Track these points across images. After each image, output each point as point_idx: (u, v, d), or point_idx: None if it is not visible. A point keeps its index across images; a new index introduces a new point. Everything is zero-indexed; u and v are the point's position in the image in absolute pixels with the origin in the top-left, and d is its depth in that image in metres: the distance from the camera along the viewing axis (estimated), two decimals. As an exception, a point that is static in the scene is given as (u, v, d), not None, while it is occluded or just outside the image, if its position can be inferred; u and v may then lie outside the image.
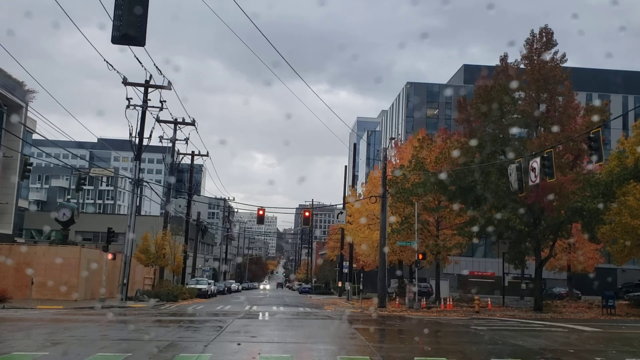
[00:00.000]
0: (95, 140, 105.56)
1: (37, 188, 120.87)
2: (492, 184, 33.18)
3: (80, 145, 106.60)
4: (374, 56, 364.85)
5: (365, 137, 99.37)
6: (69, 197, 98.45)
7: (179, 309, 32.04)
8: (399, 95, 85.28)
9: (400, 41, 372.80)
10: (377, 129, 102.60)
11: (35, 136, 50.11)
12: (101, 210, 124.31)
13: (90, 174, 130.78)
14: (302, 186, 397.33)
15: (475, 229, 34.60)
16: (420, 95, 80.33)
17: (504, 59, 35.13)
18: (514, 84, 33.14)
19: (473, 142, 34.25)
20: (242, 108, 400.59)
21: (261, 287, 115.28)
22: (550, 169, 21.01)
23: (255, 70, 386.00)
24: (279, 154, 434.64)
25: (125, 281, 35.56)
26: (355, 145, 70.74)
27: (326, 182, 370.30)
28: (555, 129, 32.42)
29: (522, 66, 34.47)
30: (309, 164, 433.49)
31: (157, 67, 36.42)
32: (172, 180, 47.23)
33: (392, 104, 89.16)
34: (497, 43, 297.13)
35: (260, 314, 27.53)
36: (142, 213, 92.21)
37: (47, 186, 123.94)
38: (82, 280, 35.08)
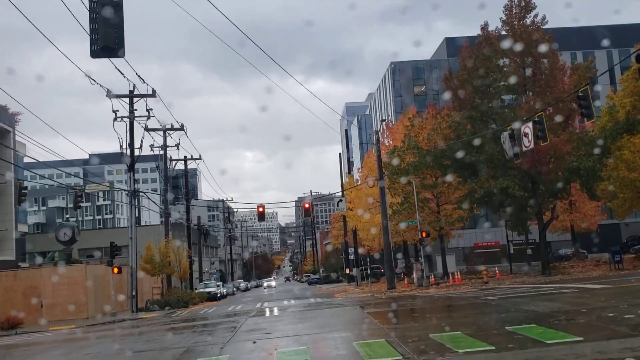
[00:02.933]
0: (87, 157, 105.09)
1: (34, 211, 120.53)
2: (487, 154, 33.24)
3: (73, 163, 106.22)
4: (342, 42, 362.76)
5: (355, 122, 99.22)
6: (67, 216, 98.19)
7: (191, 314, 32.08)
8: (384, 76, 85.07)
9: (364, 23, 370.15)
10: (367, 112, 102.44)
11: (25, 159, 49.95)
12: (101, 226, 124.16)
13: (86, 191, 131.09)
14: (296, 178, 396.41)
15: (475, 200, 34.73)
16: (405, 74, 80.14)
17: (484, 27, 35.10)
18: (500, 48, 33.13)
19: (464, 116, 34.31)
20: (222, 108, 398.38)
21: (265, 284, 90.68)
22: (543, 132, 21.02)
23: (228, 69, 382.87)
24: (267, 150, 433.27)
25: (133, 293, 35.62)
26: (346, 131, 70.66)
27: (319, 171, 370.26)
28: (543, 91, 32.53)
29: (503, 32, 34.43)
30: (299, 156, 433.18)
31: (139, 76, 36.33)
32: (168, 187, 47.10)
33: (379, 86, 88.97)
34: (462, 14, 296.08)
35: (273, 310, 27.62)
36: (142, 223, 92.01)
37: (44, 208, 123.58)
38: (90, 297, 35.08)
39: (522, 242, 51.81)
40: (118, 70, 29.67)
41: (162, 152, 46.33)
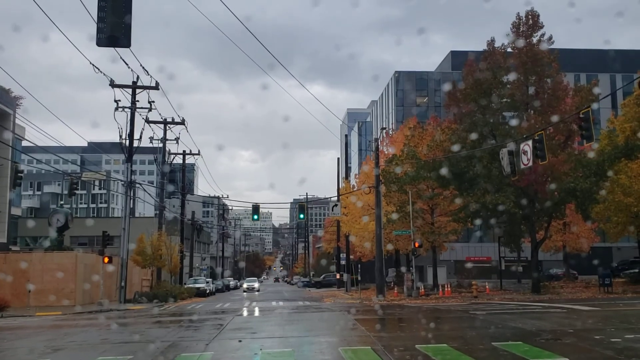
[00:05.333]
0: (85, 145, 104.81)
1: (29, 195, 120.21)
2: (485, 168, 33.30)
3: (71, 150, 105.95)
4: (338, 50, 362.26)
5: (356, 128, 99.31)
6: (62, 202, 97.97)
7: (179, 309, 32.03)
8: (388, 85, 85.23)
9: (362, 33, 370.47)
10: (368, 119, 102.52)
11: (24, 143, 49.86)
12: (95, 214, 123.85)
13: (82, 179, 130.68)
14: (290, 180, 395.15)
15: (469, 214, 34.78)
16: (409, 84, 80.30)
17: (491, 43, 35.14)
18: (502, 69, 33.30)
19: (464, 129, 34.35)
20: (219, 106, 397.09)
21: (245, 285, 69.87)
22: (542, 151, 21.07)
23: (226, 68, 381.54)
24: (262, 151, 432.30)
25: (122, 284, 35.53)
26: (346, 136, 70.69)
27: (314, 174, 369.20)
28: (545, 110, 32.60)
29: (509, 50, 34.51)
30: (293, 158, 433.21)
31: (143, 67, 36.20)
32: (165, 181, 47.06)
33: (382, 94, 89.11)
34: (457, 29, 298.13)
35: (260, 310, 27.56)
36: (137, 215, 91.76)
37: (39, 193, 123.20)
38: (79, 285, 35.00)
39: (513, 259, 51.88)
40: (123, 60, 29.67)
41: (160, 144, 46.32)
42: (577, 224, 47.03)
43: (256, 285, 68.15)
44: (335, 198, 53.94)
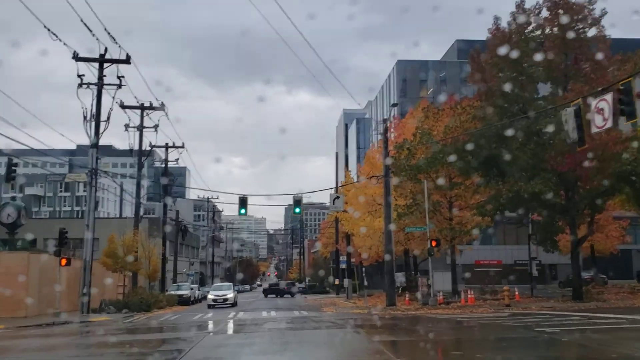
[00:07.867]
0: (74, 148, 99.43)
1: (12, 197, 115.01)
2: (518, 150, 27.63)
3: (60, 152, 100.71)
4: (321, 56, 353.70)
5: (354, 125, 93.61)
6: (13, 194, 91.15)
7: (147, 321, 26.20)
8: (388, 76, 79.72)
9: (344, 39, 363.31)
10: (367, 115, 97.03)
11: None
12: (79, 217, 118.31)
13: (66, 180, 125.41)
14: (284, 186, 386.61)
15: (498, 206, 29.05)
16: (411, 73, 74.87)
17: (520, 4, 29.58)
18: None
19: (492, 104, 28.76)
20: (208, 113, 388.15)
21: (211, 295, 41.93)
22: (631, 106, 15.29)
23: (213, 75, 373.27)
24: (253, 157, 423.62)
25: (84, 291, 29.77)
26: (346, 125, 65.20)
27: (308, 181, 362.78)
28: (588, 80, 27.06)
29: (544, 11, 28.94)
30: (285, 164, 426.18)
31: (111, 35, 30.20)
32: (140, 171, 41.43)
33: (382, 86, 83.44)
34: (440, 37, 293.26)
35: (244, 325, 21.29)
36: (124, 216, 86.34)
37: (21, 195, 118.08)
38: (33, 292, 29.33)
39: (525, 262, 46.34)
40: (86, 26, 24.12)
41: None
42: (606, 221, 41.82)
43: (230, 295, 41.17)
44: (333, 196, 48.29)
